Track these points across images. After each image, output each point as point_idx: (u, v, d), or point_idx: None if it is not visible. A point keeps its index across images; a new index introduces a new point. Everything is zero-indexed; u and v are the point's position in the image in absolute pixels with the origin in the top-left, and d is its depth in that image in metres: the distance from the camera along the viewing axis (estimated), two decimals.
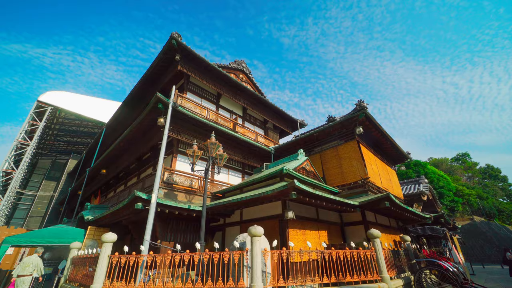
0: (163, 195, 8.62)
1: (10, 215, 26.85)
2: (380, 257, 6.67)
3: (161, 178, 8.76)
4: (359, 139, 10.79)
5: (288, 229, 7.38)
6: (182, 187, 9.34)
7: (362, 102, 9.92)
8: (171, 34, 10.24)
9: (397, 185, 13.36)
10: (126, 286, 5.54)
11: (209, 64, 11.83)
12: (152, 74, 12.15)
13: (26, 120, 19.51)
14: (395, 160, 14.72)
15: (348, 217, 10.23)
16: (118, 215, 8.19)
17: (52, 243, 8.63)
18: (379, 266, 6.57)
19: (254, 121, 15.74)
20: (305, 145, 12.33)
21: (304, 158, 10.24)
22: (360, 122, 10.35)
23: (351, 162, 10.40)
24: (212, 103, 13.33)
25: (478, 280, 13.05)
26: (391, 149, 13.16)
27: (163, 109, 8.86)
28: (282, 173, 7.82)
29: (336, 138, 11.27)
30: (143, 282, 5.74)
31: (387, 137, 11.87)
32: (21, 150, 19.14)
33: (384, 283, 6.32)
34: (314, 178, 10.36)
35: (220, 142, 11.56)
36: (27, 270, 7.43)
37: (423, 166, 44.09)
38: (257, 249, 5.28)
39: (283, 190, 6.20)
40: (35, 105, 20.13)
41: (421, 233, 7.38)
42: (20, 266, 7.49)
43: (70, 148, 30.13)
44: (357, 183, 10.06)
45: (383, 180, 11.72)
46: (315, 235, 8.53)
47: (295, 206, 8.07)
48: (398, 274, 7.53)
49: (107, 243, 6.13)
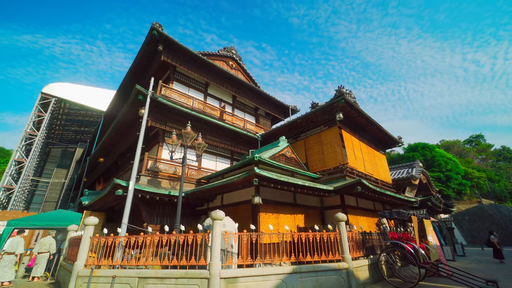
0: (146, 182, 9.21)
1: (29, 200, 29.05)
2: (343, 239, 7.02)
3: (144, 166, 9.31)
4: (341, 125, 10.83)
5: (259, 213, 7.81)
6: (167, 174, 9.89)
7: (342, 88, 9.87)
8: (151, 25, 10.37)
9: (384, 169, 13.41)
10: (104, 262, 6.21)
11: (193, 53, 11.93)
12: (139, 65, 12.43)
13: (33, 111, 20.55)
14: (386, 145, 14.65)
15: (328, 201, 10.55)
16: (106, 200, 8.88)
17: (51, 226, 9.54)
18: (342, 247, 6.94)
19: (244, 108, 15.91)
20: (290, 132, 12.49)
21: (285, 145, 10.46)
22: (341, 108, 10.35)
23: (332, 148, 10.53)
24: (200, 92, 13.57)
25: (464, 260, 13.29)
26: (379, 134, 13.09)
27: (143, 100, 9.23)
28: (255, 161, 8.14)
29: (319, 125, 11.35)
30: (120, 259, 6.40)
31: (373, 122, 11.81)
32: (30, 140, 20.33)
33: (345, 262, 6.71)
34: (295, 164, 10.62)
35: (206, 130, 11.98)
36: (44, 248, 8.93)
37: (430, 149, 43.10)
38: (217, 231, 5.74)
39: (246, 177, 6.55)
40: (39, 97, 21.06)
41: (388, 216, 7.62)
42: (39, 245, 8.98)
43: (79, 137, 31.54)
44: (337, 168, 10.25)
45: (368, 165, 11.82)
46: (291, 219, 8.95)
47: (269, 192, 8.44)
48: (367, 255, 7.88)
49: (88, 225, 6.78)
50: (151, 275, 5.70)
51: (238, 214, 8.64)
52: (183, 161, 8.37)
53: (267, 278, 5.77)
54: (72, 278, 6.05)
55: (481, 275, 8.72)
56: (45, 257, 8.92)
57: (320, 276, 6.32)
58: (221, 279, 5.35)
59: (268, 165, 8.83)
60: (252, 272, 5.67)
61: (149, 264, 6.04)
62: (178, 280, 5.52)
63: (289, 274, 5.98)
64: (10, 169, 19.07)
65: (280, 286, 5.80)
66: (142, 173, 9.13)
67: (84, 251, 6.50)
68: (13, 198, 18.35)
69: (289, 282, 5.90)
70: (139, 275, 5.77)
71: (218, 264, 5.46)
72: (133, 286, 5.70)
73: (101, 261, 6.31)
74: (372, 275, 7.40)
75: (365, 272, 7.29)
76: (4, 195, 18.32)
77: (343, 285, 6.46)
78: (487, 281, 6.83)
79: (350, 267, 6.69)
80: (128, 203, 7.17)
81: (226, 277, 5.40)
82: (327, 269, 6.45)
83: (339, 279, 6.50)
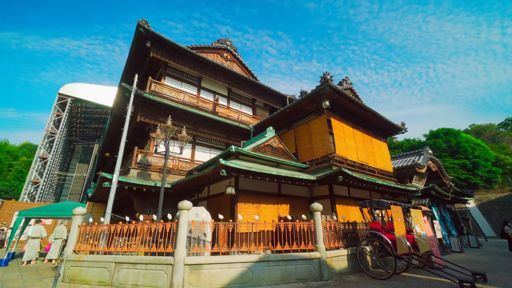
0: (136, 174, 9.72)
1: (59, 193, 31.93)
2: (317, 228, 6.96)
3: (134, 160, 9.81)
4: (330, 113, 10.47)
5: (237, 204, 7.95)
6: (157, 167, 10.34)
7: (327, 75, 9.48)
8: (137, 22, 10.64)
9: (384, 158, 12.81)
10: (89, 248, 6.77)
11: (182, 47, 12.08)
12: (133, 62, 12.84)
13: (52, 111, 22.24)
14: (387, 132, 13.91)
15: (316, 191, 10.40)
16: (99, 192, 9.53)
17: (57, 216, 10.52)
18: (316, 237, 6.89)
19: (241, 100, 15.90)
20: (282, 122, 12.33)
21: (271, 135, 10.39)
22: (328, 95, 9.97)
23: (320, 137, 10.27)
24: (193, 86, 13.78)
25: (474, 252, 12.51)
26: (376, 121, 12.46)
27: (129, 97, 9.62)
28: (233, 152, 8.21)
29: (308, 114, 11.06)
30: (102, 246, 6.93)
31: (366, 108, 11.25)
32: (51, 138, 22.12)
33: (317, 252, 6.68)
34: (283, 155, 10.54)
35: (198, 124, 12.24)
36: (57, 235, 10.35)
37: (455, 134, 40.07)
38: (183, 220, 5.98)
39: (214, 168, 6.68)
40: (57, 97, 22.71)
41: (368, 206, 7.35)
42: (54, 233, 10.45)
43: (98, 134, 33.68)
44: (325, 157, 10.01)
45: (362, 154, 11.38)
46: (273, 209, 8.99)
47: (249, 182, 8.52)
48: (350, 245, 7.74)
49: (76, 215, 7.37)
50: (125, 261, 6.11)
51: (220, 204, 8.86)
52: (166, 154, 8.69)
53: (232, 266, 5.92)
54: (62, 262, 6.69)
55: (480, 267, 8.20)
56: (58, 242, 10.32)
57: (290, 265, 6.36)
58: (185, 266, 5.59)
59: (249, 156, 8.88)
60: (217, 260, 5.85)
61: (132, 251, 6.47)
62: (147, 265, 5.87)
63: (256, 262, 6.09)
64: (36, 164, 21.02)
65: (245, 274, 5.93)
66: (131, 166, 9.64)
67: (73, 238, 7.10)
68: (39, 191, 20.26)
69: (255, 270, 6.01)
70: (115, 260, 6.21)
71: (183, 251, 5.70)
72: (110, 270, 6.17)
73: (86, 247, 6.87)
74: (352, 266, 7.30)
75: (343, 262, 7.19)
76: (32, 187, 20.31)
77: (314, 274, 6.46)
78: (474, 274, 6.46)
79: (323, 257, 6.64)
80: (112, 194, 7.66)
81: (190, 264, 5.63)
82: (297, 258, 6.46)
83: (309, 268, 6.50)
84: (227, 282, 5.72)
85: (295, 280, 6.27)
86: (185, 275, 5.54)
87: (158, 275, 5.66)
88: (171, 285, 5.41)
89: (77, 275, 6.39)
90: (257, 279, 5.93)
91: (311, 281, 6.34)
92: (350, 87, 13.18)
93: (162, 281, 5.56)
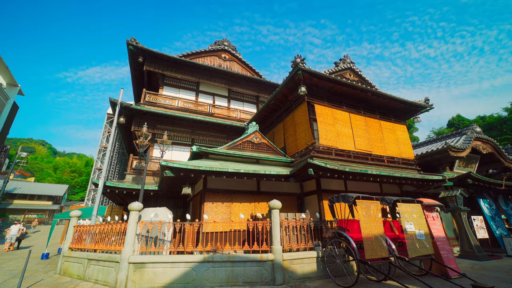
0: (131, 179, 10.67)
1: None
2: (273, 228, 6.40)
3: (129, 166, 10.80)
4: (314, 99, 9.39)
5: (204, 203, 7.89)
6: (151, 171, 11.13)
7: (299, 57, 8.50)
8: (126, 41, 11.69)
9: (399, 143, 10.72)
10: (80, 245, 7.76)
11: (172, 57, 12.71)
12: (137, 76, 14.15)
13: (103, 128, 26.33)
14: (406, 112, 11.57)
15: (307, 186, 9.48)
16: (107, 196, 10.81)
17: (84, 217, 12.40)
18: (271, 238, 6.34)
19: (243, 98, 15.72)
20: (272, 116, 11.69)
21: (252, 131, 9.96)
22: (305, 80, 8.94)
23: (303, 126, 9.32)
24: (191, 91, 14.32)
25: None
26: (384, 101, 10.53)
27: (121, 110, 10.64)
28: (198, 153, 8.19)
29: (292, 103, 10.17)
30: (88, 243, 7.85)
31: (363, 89, 9.62)
32: (104, 151, 26.19)
33: (271, 254, 6.15)
34: (266, 150, 9.99)
35: (194, 127, 12.68)
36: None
37: None
38: (131, 220, 6.33)
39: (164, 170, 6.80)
40: (106, 116, 26.77)
41: (335, 201, 6.22)
42: None
43: None
44: (308, 149, 9.03)
45: (363, 140, 9.83)
46: (250, 207, 8.60)
47: (219, 181, 8.36)
48: (324, 246, 6.85)
49: (73, 217, 8.55)
50: (93, 257, 6.79)
51: (196, 204, 8.97)
52: (146, 159, 9.28)
53: (175, 266, 5.94)
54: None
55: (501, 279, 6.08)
56: None
57: (237, 267, 6.01)
58: (129, 264, 5.87)
59: (219, 154, 8.72)
60: (160, 259, 5.95)
61: (112, 249, 7.10)
62: (105, 262, 6.40)
63: (200, 262, 5.97)
64: (95, 174, 25.28)
65: (189, 274, 5.87)
66: (127, 172, 10.65)
67: (69, 236, 8.27)
68: None
69: (199, 270, 5.89)
70: (88, 257, 6.97)
71: (128, 250, 6.01)
72: (84, 265, 6.96)
73: (77, 245, 7.90)
74: (323, 270, 6.43)
75: (309, 265, 6.42)
76: (91, 194, 24.49)
77: (265, 278, 5.96)
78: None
79: (278, 259, 6.06)
80: (97, 198, 8.62)
81: (134, 262, 5.88)
82: (246, 260, 6.07)
83: (261, 271, 6.01)
84: (170, 282, 5.75)
85: (243, 283, 5.87)
86: (129, 273, 5.80)
87: (109, 271, 6.09)
88: (115, 281, 5.76)
89: (67, 269, 7.40)
90: (200, 280, 5.78)
91: (260, 285, 5.84)
92: (350, 66, 11.55)
93: (111, 278, 5.96)
